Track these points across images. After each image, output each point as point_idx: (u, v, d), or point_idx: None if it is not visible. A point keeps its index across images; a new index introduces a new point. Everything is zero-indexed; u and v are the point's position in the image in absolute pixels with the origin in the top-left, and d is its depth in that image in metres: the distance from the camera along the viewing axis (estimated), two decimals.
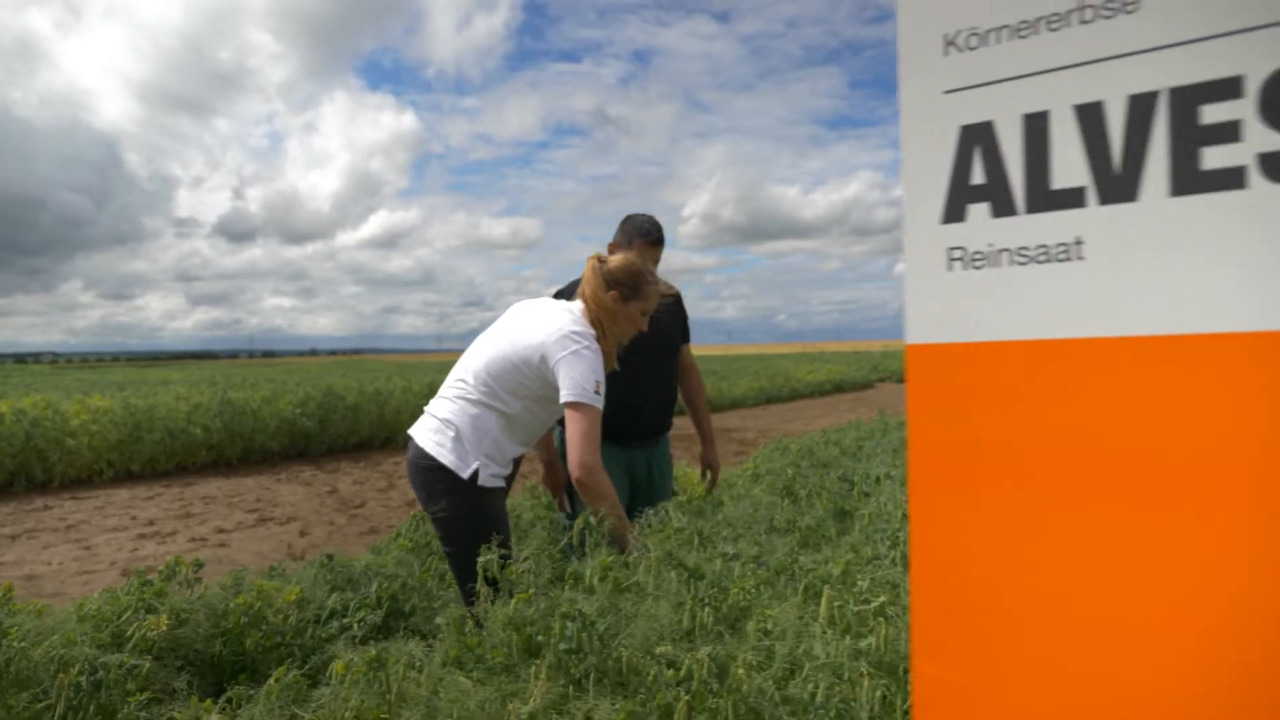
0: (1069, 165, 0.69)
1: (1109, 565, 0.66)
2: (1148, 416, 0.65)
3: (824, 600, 2.28)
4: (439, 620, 2.70)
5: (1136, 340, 0.66)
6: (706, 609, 2.42)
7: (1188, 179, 0.64)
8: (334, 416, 12.71)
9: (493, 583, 2.70)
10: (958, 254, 0.74)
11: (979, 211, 0.73)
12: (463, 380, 3.21)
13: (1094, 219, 0.68)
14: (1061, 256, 0.69)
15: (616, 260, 3.19)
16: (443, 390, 3.34)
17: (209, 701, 2.44)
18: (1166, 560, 0.63)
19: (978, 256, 0.73)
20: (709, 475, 4.16)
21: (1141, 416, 0.65)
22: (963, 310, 0.74)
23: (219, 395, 11.79)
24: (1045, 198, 0.70)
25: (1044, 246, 0.70)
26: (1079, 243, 0.68)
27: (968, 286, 0.73)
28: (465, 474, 3.08)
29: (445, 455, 3.12)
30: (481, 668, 2.43)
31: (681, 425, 6.19)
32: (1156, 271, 0.65)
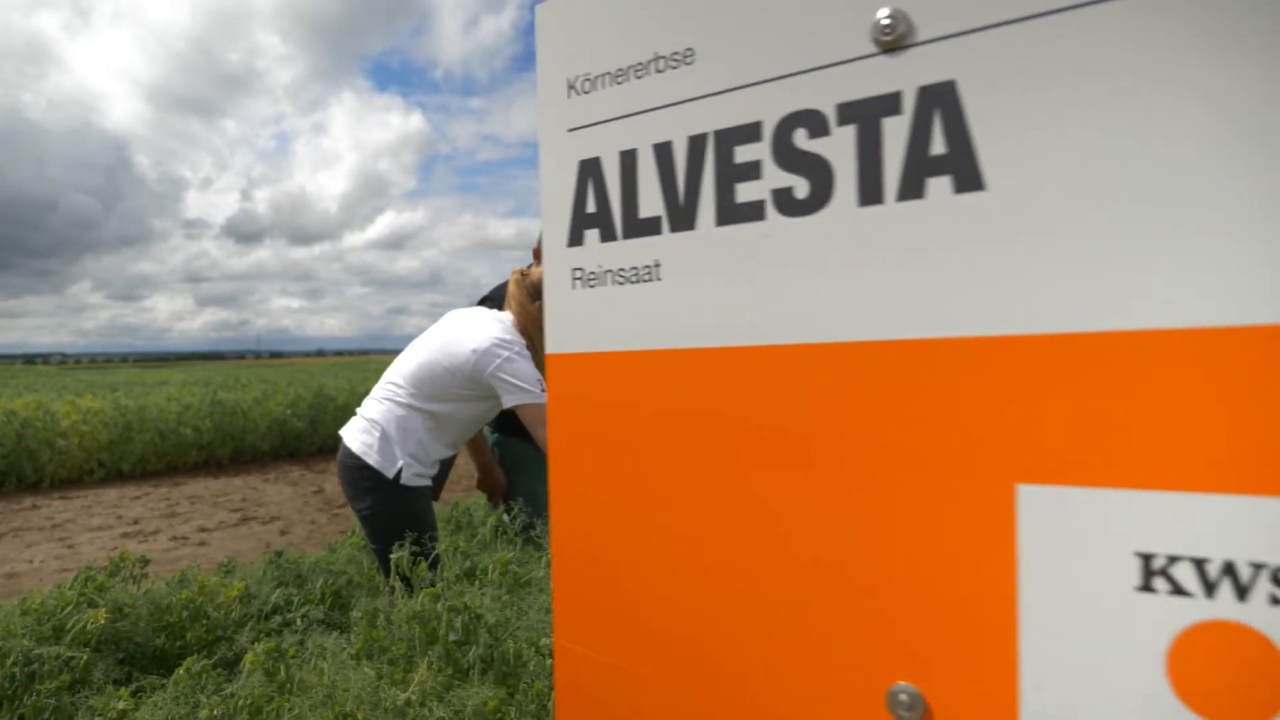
0: (650, 197, 0.78)
1: (707, 550, 0.76)
2: (718, 420, 0.75)
3: None
4: (353, 613, 2.82)
5: (700, 351, 0.76)
6: None
7: (726, 211, 0.74)
8: (324, 417, 12.85)
9: (405, 579, 2.82)
10: (578, 274, 0.84)
11: (592, 237, 0.82)
12: (393, 383, 3.34)
13: (667, 245, 0.78)
14: (646, 278, 0.79)
15: (538, 272, 3.31)
16: (374, 392, 3.46)
17: (123, 690, 2.55)
18: (755, 548, 0.72)
19: (591, 277, 0.83)
20: None
21: (713, 420, 0.75)
22: (581, 324, 0.84)
23: (210, 396, 11.94)
24: (635, 226, 0.79)
25: (635, 268, 0.79)
26: (657, 265, 0.78)
27: (585, 303, 0.83)
28: (390, 473, 3.21)
29: (371, 455, 3.25)
30: (385, 659, 2.53)
31: None
32: (707, 292, 0.75)
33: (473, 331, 3.21)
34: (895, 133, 0.65)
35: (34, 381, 22.44)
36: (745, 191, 0.73)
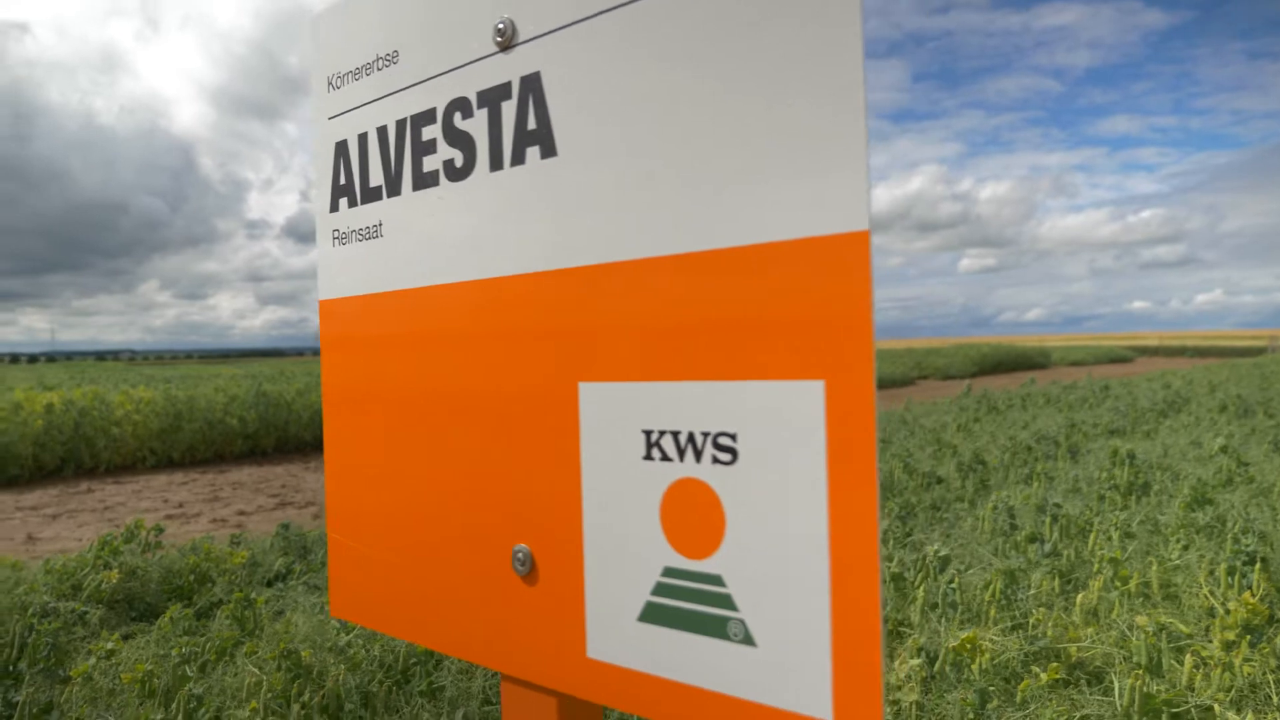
0: (375, 170, 0.97)
1: (402, 449, 0.95)
2: (410, 345, 0.94)
3: None
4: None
5: (400, 293, 0.95)
6: None
7: (418, 179, 0.92)
8: None
9: None
10: (335, 234, 1.03)
11: (343, 204, 1.02)
12: None
13: (385, 208, 0.97)
14: (373, 235, 0.98)
15: None
16: None
17: (115, 634, 2.83)
18: (429, 445, 0.92)
19: (344, 236, 1.02)
20: None
21: (407, 346, 0.94)
22: (338, 275, 1.03)
23: (255, 388, 12.43)
24: (367, 193, 0.99)
25: (367, 228, 0.98)
26: (380, 224, 0.97)
27: (340, 258, 1.03)
28: None
29: None
30: None
31: None
32: (405, 245, 0.94)
33: None
34: (509, 113, 0.83)
35: (102, 376, 23.45)
36: (428, 163, 0.91)
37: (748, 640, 0.67)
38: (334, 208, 1.04)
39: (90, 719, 2.28)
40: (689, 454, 0.71)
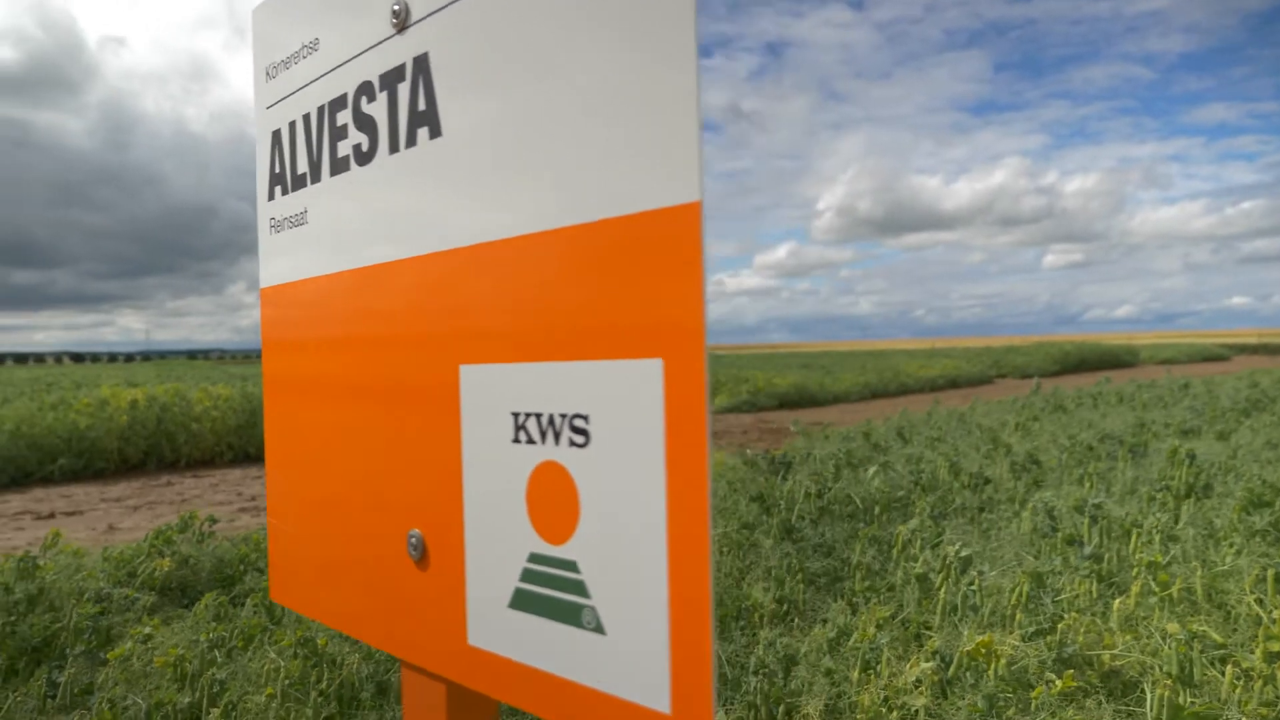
0: (301, 158, 0.98)
1: (319, 432, 0.96)
2: (327, 329, 0.94)
3: None
4: None
5: (317, 279, 0.95)
6: None
7: (334, 164, 0.92)
8: None
9: None
10: (272, 222, 1.04)
11: (278, 192, 1.03)
12: None
13: (309, 195, 0.97)
14: (300, 222, 0.98)
15: None
16: None
17: (155, 619, 2.94)
18: (337, 430, 0.92)
19: (279, 224, 1.03)
20: None
21: (324, 329, 0.95)
22: (275, 262, 1.04)
23: None
24: (295, 181, 0.99)
25: (295, 215, 0.99)
26: (305, 211, 0.97)
27: (276, 245, 1.04)
28: None
29: None
30: None
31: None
32: (327, 232, 0.95)
33: None
34: (403, 95, 0.83)
35: (188, 374, 24.43)
36: (341, 149, 0.91)
37: (599, 629, 0.65)
38: (270, 196, 1.05)
39: (122, 700, 2.37)
40: (549, 436, 0.69)
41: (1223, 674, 2.08)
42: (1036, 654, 2.06)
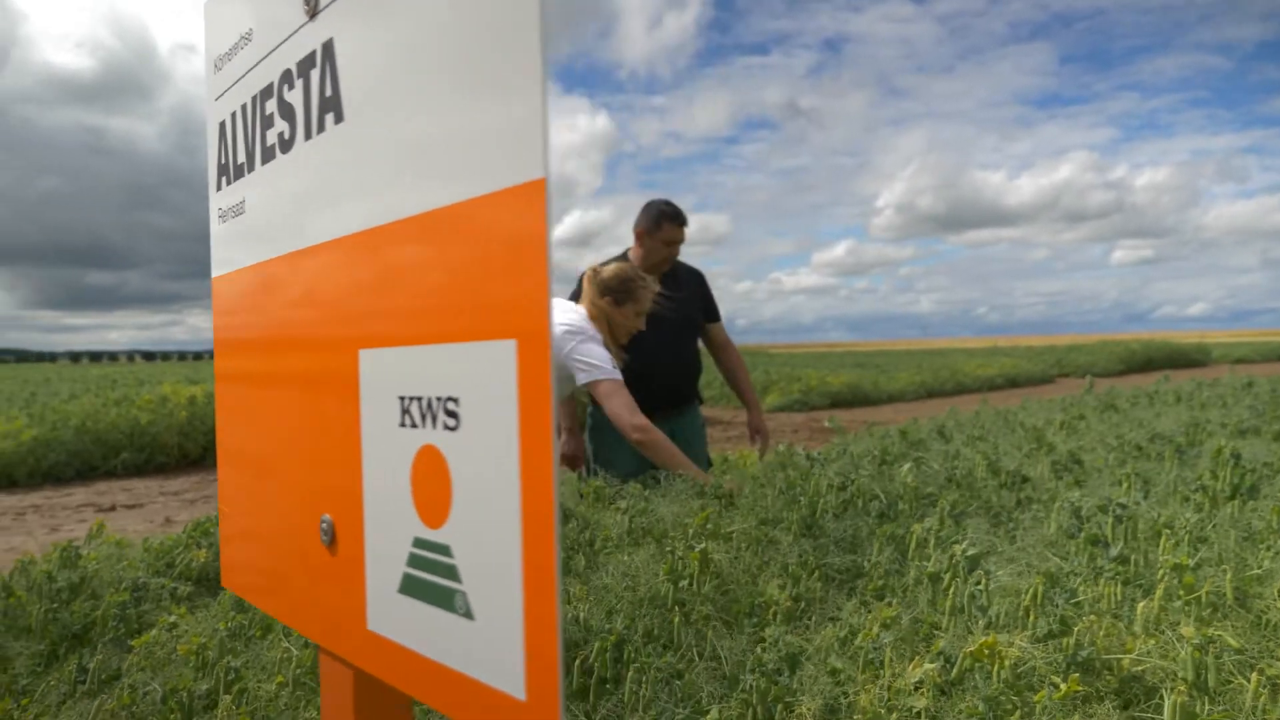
0: (240, 148, 0.99)
1: (250, 417, 0.97)
2: (257, 319, 0.95)
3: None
4: None
5: (250, 269, 0.96)
6: (572, 551, 2.73)
7: (263, 154, 0.93)
8: None
9: None
10: (220, 212, 1.06)
11: (224, 182, 1.04)
12: None
13: (245, 184, 0.98)
14: (240, 212, 0.99)
15: (609, 270, 3.60)
16: None
17: (182, 608, 3.01)
18: (261, 416, 0.93)
19: (225, 214, 1.04)
20: (759, 441, 4.42)
21: (255, 319, 0.96)
22: (223, 252, 1.06)
23: None
24: (235, 171, 1.00)
25: (235, 205, 1.00)
26: (243, 201, 0.99)
27: (223, 235, 1.05)
28: None
29: None
30: None
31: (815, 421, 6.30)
32: (259, 221, 0.95)
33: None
34: (315, 81, 0.83)
35: None
36: (269, 138, 0.92)
37: (469, 614, 0.65)
38: (218, 186, 1.07)
39: (144, 686, 2.43)
40: (428, 420, 0.68)
41: (1247, 681, 1.99)
42: (1044, 656, 1.99)
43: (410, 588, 0.71)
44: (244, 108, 0.98)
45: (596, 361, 3.36)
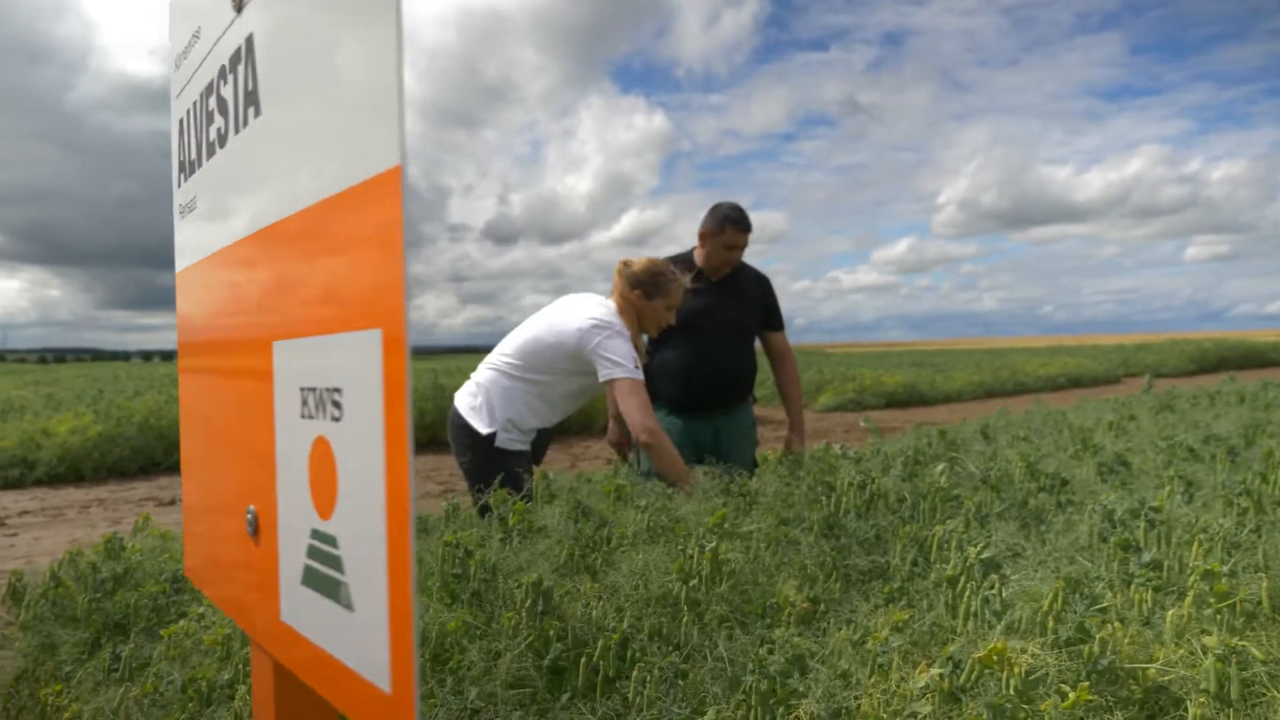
0: (193, 146, 1.00)
1: (197, 414, 0.98)
2: (196, 317, 0.97)
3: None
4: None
5: (194, 266, 0.98)
6: (588, 548, 2.73)
7: (207, 149, 0.95)
8: None
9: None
10: (180, 207, 1.07)
11: (182, 179, 1.06)
12: (503, 354, 3.72)
13: (194, 182, 0.99)
14: (193, 209, 1.01)
15: (640, 263, 3.61)
16: (485, 360, 3.86)
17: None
18: (204, 414, 0.95)
19: (183, 209, 1.06)
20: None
21: (195, 318, 0.97)
22: (180, 249, 1.08)
23: (433, 381, 13.18)
24: (189, 168, 1.02)
25: (189, 202, 1.02)
26: (195, 198, 1.00)
27: (182, 230, 1.07)
28: (485, 432, 3.57)
29: (473, 416, 3.64)
30: (428, 590, 2.88)
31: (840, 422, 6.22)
32: (204, 217, 0.97)
33: (578, 312, 3.54)
34: (240, 76, 0.83)
35: None
36: (210, 134, 0.93)
37: (350, 606, 0.64)
38: (178, 183, 1.08)
39: (168, 674, 2.50)
40: (321, 410, 0.68)
41: (1279, 694, 1.90)
42: (1060, 664, 1.93)
43: (309, 579, 0.71)
44: (194, 104, 1.00)
45: (619, 359, 3.36)
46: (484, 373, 3.72)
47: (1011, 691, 1.78)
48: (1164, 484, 3.35)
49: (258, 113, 0.80)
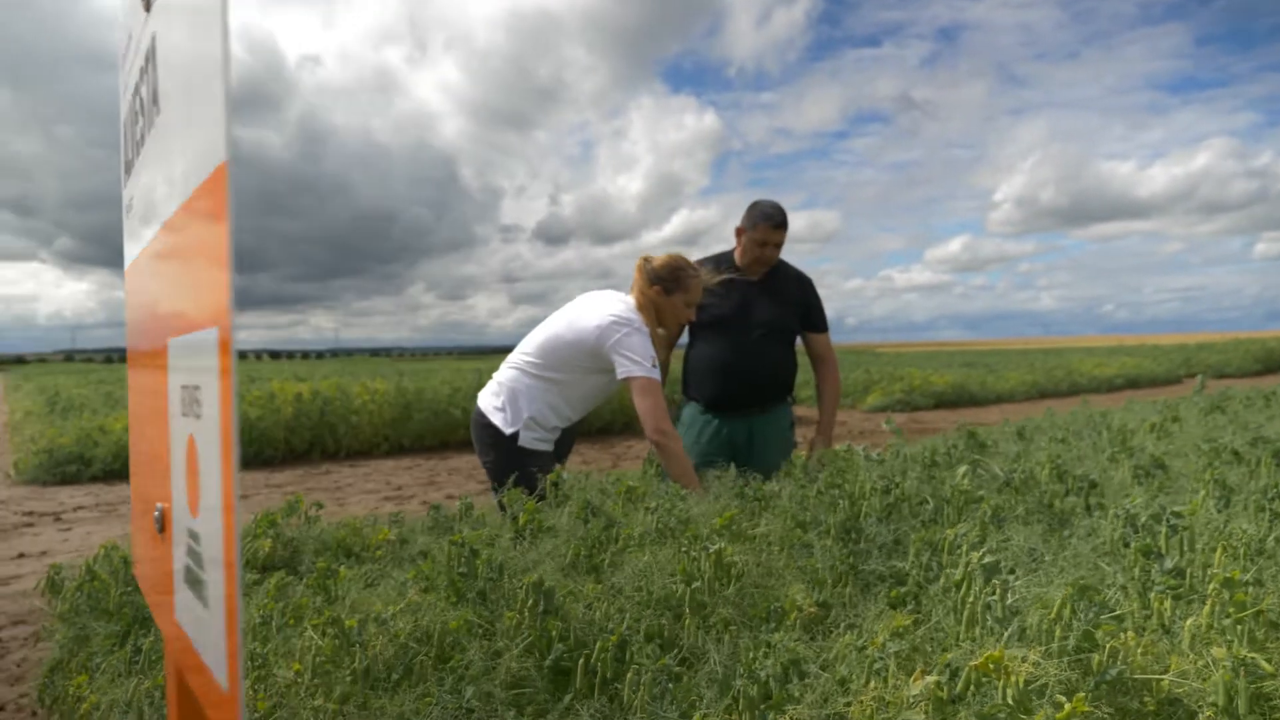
0: (129, 146, 1.02)
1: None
2: (135, 309, 0.98)
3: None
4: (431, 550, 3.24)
5: (128, 269, 0.99)
6: (595, 549, 2.72)
7: (132, 148, 0.95)
8: None
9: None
10: (126, 209, 1.09)
11: (126, 180, 1.08)
12: (524, 353, 3.75)
13: (130, 183, 1.00)
14: (131, 208, 1.02)
15: (660, 259, 3.61)
16: (507, 359, 3.89)
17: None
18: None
19: (126, 209, 1.07)
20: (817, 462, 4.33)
21: (128, 310, 0.98)
22: (126, 247, 1.09)
23: (478, 380, 13.31)
24: (127, 168, 1.03)
25: (129, 203, 1.03)
26: (133, 199, 1.01)
27: (126, 232, 1.09)
28: (509, 432, 3.59)
29: (496, 415, 3.67)
30: (425, 584, 2.91)
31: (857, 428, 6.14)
32: (131, 223, 0.98)
33: (597, 309, 3.55)
34: (150, 75, 0.84)
35: (369, 370, 26.07)
36: (136, 133, 0.94)
37: (205, 602, 0.64)
38: (122, 184, 1.10)
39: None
40: (190, 408, 0.68)
41: None
42: (1060, 673, 1.86)
43: (188, 577, 0.71)
44: (128, 104, 1.01)
45: (637, 358, 3.36)
46: (505, 371, 3.74)
47: (1009, 701, 1.72)
48: (1199, 488, 3.23)
49: (159, 112, 0.80)
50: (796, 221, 4.02)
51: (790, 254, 4.17)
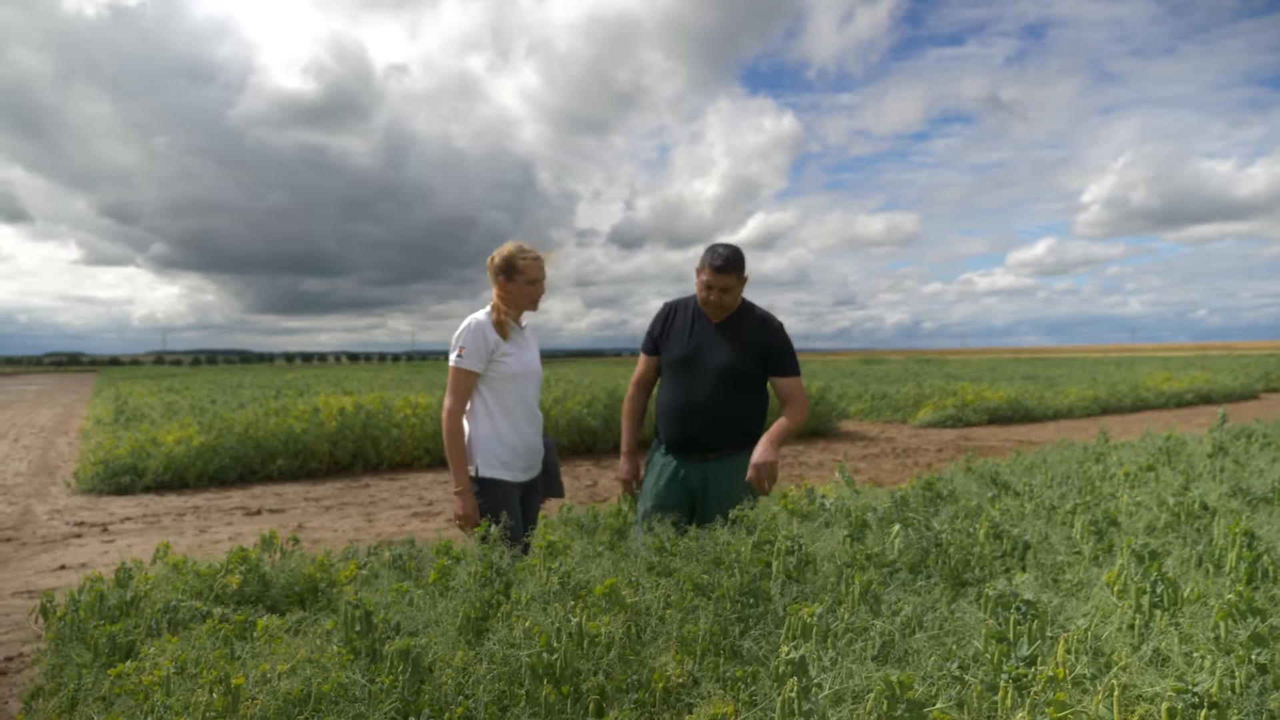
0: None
1: None
2: None
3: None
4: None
5: None
6: (488, 611, 2.86)
7: None
8: (618, 416, 14.00)
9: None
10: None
11: None
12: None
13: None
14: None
15: (497, 253, 4.01)
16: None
17: (174, 638, 3.39)
18: None
19: None
20: (752, 471, 3.88)
21: None
22: None
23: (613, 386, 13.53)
24: None
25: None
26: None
27: None
28: (473, 471, 3.94)
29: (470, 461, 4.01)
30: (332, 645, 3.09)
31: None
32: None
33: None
34: None
35: (441, 374, 26.64)
36: None
37: None
38: None
39: (133, 710, 2.78)
40: None
41: None
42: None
43: None
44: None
45: (452, 349, 3.89)
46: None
47: None
48: (1119, 555, 3.13)
49: None
50: (873, 224, 3.99)
51: (868, 257, 4.08)
